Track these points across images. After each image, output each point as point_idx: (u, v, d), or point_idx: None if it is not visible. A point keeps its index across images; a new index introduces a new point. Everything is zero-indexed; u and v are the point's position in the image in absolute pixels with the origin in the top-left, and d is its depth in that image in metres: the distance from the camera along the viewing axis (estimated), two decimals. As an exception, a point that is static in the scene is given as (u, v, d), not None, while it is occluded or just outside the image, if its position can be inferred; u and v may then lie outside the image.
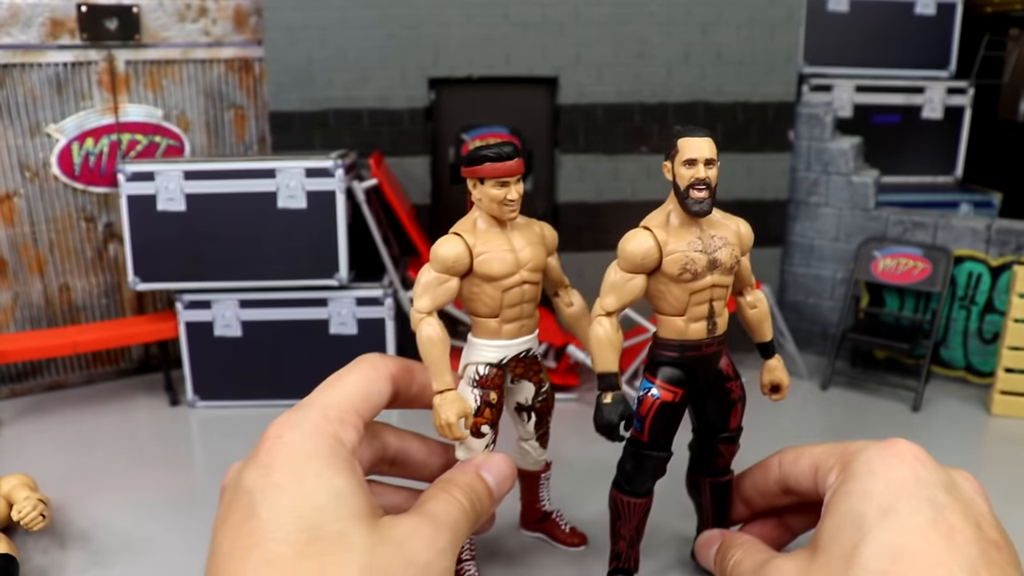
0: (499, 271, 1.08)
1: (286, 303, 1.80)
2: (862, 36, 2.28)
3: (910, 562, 0.84)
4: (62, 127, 1.85)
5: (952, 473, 0.96)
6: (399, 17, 1.91)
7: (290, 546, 0.80)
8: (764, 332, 1.18)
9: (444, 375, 1.04)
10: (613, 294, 1.06)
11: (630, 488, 1.13)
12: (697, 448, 1.20)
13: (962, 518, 0.87)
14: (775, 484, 1.13)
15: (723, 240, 1.07)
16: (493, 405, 1.11)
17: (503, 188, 1.06)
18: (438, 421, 1.03)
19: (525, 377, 1.17)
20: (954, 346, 1.98)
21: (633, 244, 1.05)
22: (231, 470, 0.96)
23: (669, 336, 1.09)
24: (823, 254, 2.09)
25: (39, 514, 1.24)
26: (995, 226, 1.90)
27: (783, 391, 1.20)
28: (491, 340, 1.12)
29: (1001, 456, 1.67)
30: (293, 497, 0.84)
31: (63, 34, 1.81)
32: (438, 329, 1.04)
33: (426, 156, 2.02)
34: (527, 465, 1.26)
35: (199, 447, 1.69)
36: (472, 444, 1.09)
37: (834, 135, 2.05)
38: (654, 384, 1.09)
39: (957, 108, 2.35)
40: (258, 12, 1.93)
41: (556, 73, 1.97)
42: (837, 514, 0.94)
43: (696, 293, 1.06)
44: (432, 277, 1.06)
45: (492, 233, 1.09)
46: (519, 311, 1.11)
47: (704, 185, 1.03)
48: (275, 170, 1.73)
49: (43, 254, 1.90)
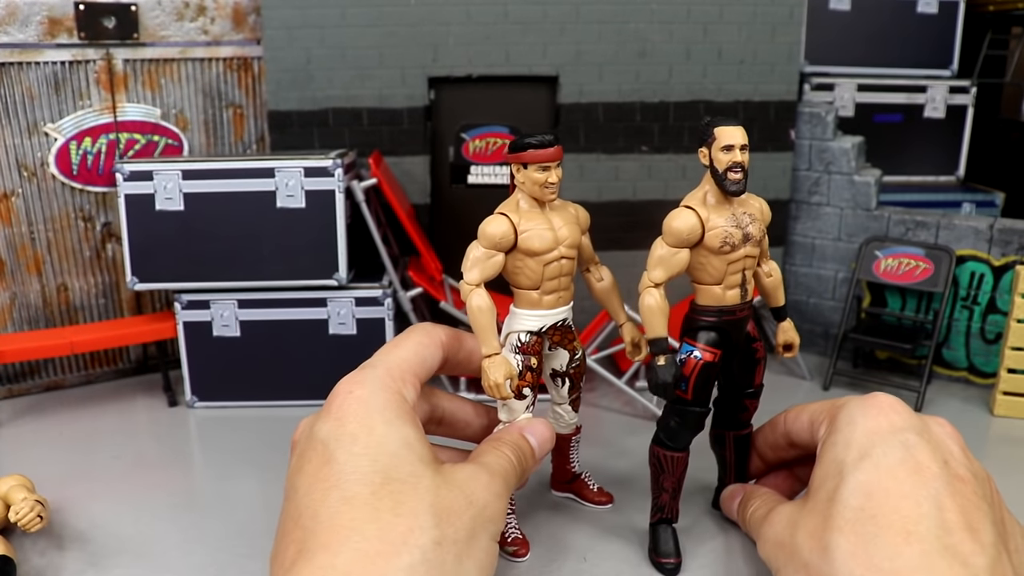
0: (540, 247, 1.19)
1: (285, 303, 1.79)
2: (864, 35, 2.27)
3: (882, 497, 0.94)
4: (60, 126, 1.85)
5: (926, 419, 1.06)
6: (398, 15, 1.90)
7: (366, 486, 0.90)
8: (778, 298, 1.31)
9: (492, 340, 1.17)
10: (661, 267, 1.18)
11: (672, 444, 1.24)
12: (723, 404, 1.32)
13: (930, 456, 0.97)
14: (782, 438, 1.25)
15: (751, 216, 1.19)
16: (534, 369, 1.22)
17: (545, 172, 1.19)
18: (487, 382, 1.16)
19: (561, 344, 1.28)
20: (956, 346, 1.97)
21: (679, 221, 1.17)
22: (301, 425, 1.07)
23: (708, 303, 1.21)
24: (824, 254, 2.09)
25: (36, 515, 1.24)
26: (997, 226, 1.89)
27: (794, 349, 1.33)
28: (532, 310, 1.24)
29: (1003, 457, 1.66)
30: (366, 444, 0.94)
31: (61, 33, 1.80)
32: (487, 299, 1.17)
33: (426, 155, 2.01)
34: (560, 428, 1.36)
35: (198, 448, 1.69)
36: (514, 405, 1.21)
37: (836, 134, 2.04)
38: (696, 347, 1.20)
39: (959, 107, 2.34)
40: (257, 11, 1.92)
41: (556, 72, 1.97)
42: (823, 463, 1.05)
43: (732, 263, 1.18)
44: (481, 252, 1.18)
45: (533, 213, 1.21)
46: (557, 283, 1.23)
47: (740, 167, 1.15)
48: (274, 169, 1.72)
49: (41, 254, 1.89)
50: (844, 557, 0.92)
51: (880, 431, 1.01)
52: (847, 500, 0.96)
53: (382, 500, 0.89)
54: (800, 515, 1.03)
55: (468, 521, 0.94)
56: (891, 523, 0.91)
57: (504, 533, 1.24)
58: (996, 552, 0.90)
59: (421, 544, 0.87)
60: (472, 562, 0.92)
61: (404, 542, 0.86)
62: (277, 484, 1.47)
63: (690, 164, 2.04)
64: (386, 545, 0.85)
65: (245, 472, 1.54)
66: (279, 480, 1.48)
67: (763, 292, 1.31)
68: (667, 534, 1.25)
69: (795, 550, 1.00)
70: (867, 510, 0.93)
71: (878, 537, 0.91)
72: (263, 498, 1.44)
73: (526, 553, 1.25)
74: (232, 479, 1.52)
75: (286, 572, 0.87)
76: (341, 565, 0.84)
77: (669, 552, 1.23)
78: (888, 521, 0.91)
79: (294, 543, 0.89)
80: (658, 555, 1.24)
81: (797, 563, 0.99)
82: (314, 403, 1.82)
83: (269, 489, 1.47)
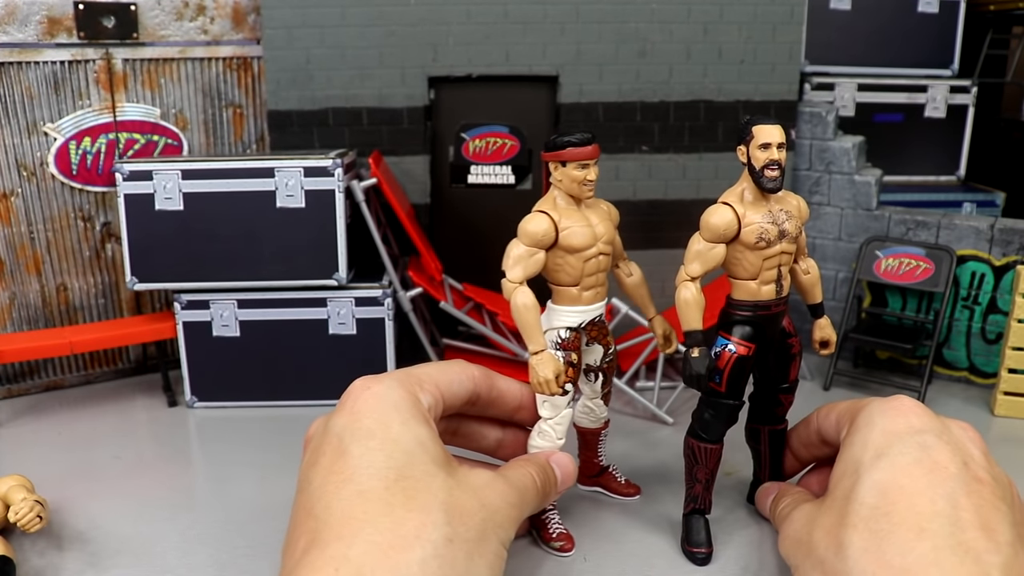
0: (580, 243, 1.21)
1: (285, 303, 1.79)
2: (864, 34, 2.27)
3: (897, 495, 0.94)
4: (59, 126, 1.84)
5: (948, 422, 1.06)
6: (398, 15, 1.90)
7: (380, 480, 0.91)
8: (815, 295, 1.34)
9: (538, 337, 1.19)
10: (697, 261, 1.20)
11: (706, 435, 1.26)
12: (758, 399, 1.34)
13: (948, 457, 0.97)
14: (815, 435, 1.27)
15: (788, 213, 1.22)
16: (575, 365, 1.24)
17: (583, 170, 1.20)
18: (535, 378, 1.18)
19: (597, 340, 1.30)
20: (957, 347, 1.97)
21: (716, 217, 1.19)
22: (315, 422, 1.07)
23: (743, 298, 1.23)
24: (825, 254, 2.08)
25: (36, 515, 1.23)
26: (998, 226, 1.89)
27: (831, 346, 1.36)
28: (571, 306, 1.25)
29: (1004, 457, 1.64)
30: (382, 440, 0.95)
31: (60, 32, 1.80)
32: (531, 296, 1.18)
33: (426, 155, 2.00)
34: (589, 423, 1.40)
35: (197, 448, 1.68)
36: (557, 401, 1.24)
37: (836, 134, 2.04)
38: (731, 341, 1.23)
39: (960, 107, 2.34)
40: (256, 10, 1.92)
41: (556, 71, 1.96)
42: (842, 462, 1.06)
43: (768, 259, 1.21)
44: (523, 250, 1.19)
45: (571, 210, 1.23)
46: (595, 280, 1.25)
47: (777, 165, 1.18)
48: (274, 169, 1.72)
49: (40, 254, 1.89)
50: (857, 554, 0.92)
51: (898, 432, 1.01)
52: (863, 498, 0.96)
53: (395, 495, 0.90)
54: (818, 513, 1.04)
55: (479, 523, 0.95)
56: (904, 520, 0.91)
57: (549, 529, 1.28)
58: (1012, 552, 0.89)
59: (433, 540, 0.88)
60: (483, 561, 0.93)
61: (417, 536, 0.87)
62: (277, 484, 1.47)
63: (690, 164, 2.04)
64: (399, 539, 0.86)
65: (245, 472, 1.54)
66: (279, 480, 1.48)
67: (800, 289, 1.34)
68: (699, 524, 1.28)
69: (812, 547, 1.01)
70: (881, 507, 0.94)
71: (891, 534, 0.91)
72: (263, 498, 1.44)
73: (571, 548, 1.28)
74: (232, 479, 1.52)
75: (296, 562, 0.87)
76: (354, 556, 0.84)
77: (701, 542, 1.26)
78: (902, 518, 0.92)
79: (306, 533, 0.90)
80: (690, 544, 1.27)
81: (813, 560, 0.99)
82: (314, 403, 1.82)
83: (269, 489, 1.47)
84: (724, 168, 2.03)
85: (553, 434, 1.26)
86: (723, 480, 1.45)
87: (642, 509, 1.41)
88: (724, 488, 1.45)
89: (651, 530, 1.34)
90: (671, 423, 1.73)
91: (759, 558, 1.27)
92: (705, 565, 1.24)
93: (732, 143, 1.27)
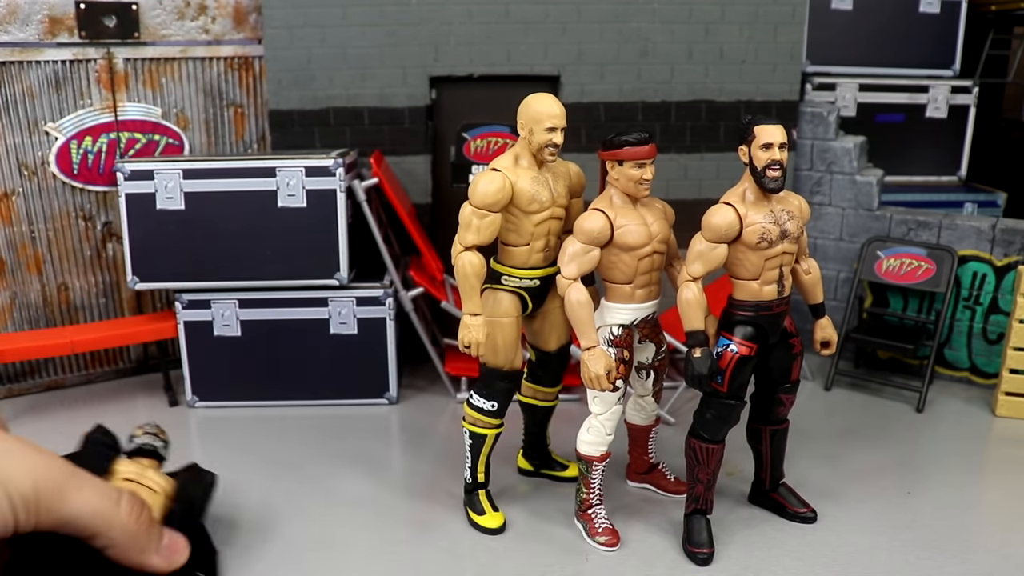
0: (635, 241, 1.22)
1: (286, 303, 1.78)
2: (866, 34, 2.26)
3: None
4: (60, 125, 1.84)
5: None
6: (399, 14, 1.90)
7: None
8: (817, 295, 1.34)
9: (591, 333, 1.19)
10: (699, 261, 1.20)
11: (708, 436, 1.26)
12: (759, 399, 1.34)
13: None
14: None
15: (789, 213, 1.22)
16: (626, 362, 1.25)
17: (640, 169, 1.21)
18: (587, 374, 1.19)
19: (649, 338, 1.31)
20: (958, 347, 1.97)
21: (718, 217, 1.19)
22: None
23: (745, 298, 1.23)
24: (826, 254, 2.08)
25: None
26: (1000, 226, 1.88)
27: (832, 346, 1.35)
28: (625, 304, 1.26)
29: (1005, 457, 1.66)
30: None
31: (61, 31, 1.80)
32: (585, 292, 1.19)
33: (427, 155, 2.00)
34: (641, 420, 1.42)
35: (198, 448, 1.68)
36: (607, 397, 1.25)
37: (838, 134, 2.04)
38: (732, 341, 1.23)
39: (961, 107, 2.33)
40: (257, 10, 1.92)
41: (558, 71, 1.96)
42: None
43: (770, 259, 1.21)
44: (579, 247, 1.21)
45: (627, 208, 1.23)
46: (648, 278, 1.26)
47: (778, 165, 1.17)
48: (275, 169, 1.72)
49: (41, 253, 1.89)
50: None
51: None
52: None
53: None
54: None
55: None
56: None
57: (595, 524, 1.30)
58: None
59: None
60: None
61: None
62: (278, 483, 1.47)
63: (691, 164, 2.04)
64: None
65: (245, 472, 1.54)
66: (280, 479, 1.48)
67: (801, 289, 1.34)
68: (701, 525, 1.28)
69: None
70: None
71: None
72: (263, 498, 1.44)
73: (617, 543, 1.28)
74: (232, 479, 1.52)
75: None
76: None
77: (702, 542, 1.26)
78: None
79: None
80: (692, 545, 1.27)
81: None
82: (315, 403, 1.82)
83: (269, 489, 1.47)
84: (725, 168, 2.03)
85: (603, 429, 1.27)
86: (724, 480, 1.45)
87: (644, 509, 1.41)
88: (726, 488, 1.45)
89: (653, 530, 1.35)
90: (673, 423, 1.73)
91: (760, 558, 1.27)
92: (707, 565, 1.24)
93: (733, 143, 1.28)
